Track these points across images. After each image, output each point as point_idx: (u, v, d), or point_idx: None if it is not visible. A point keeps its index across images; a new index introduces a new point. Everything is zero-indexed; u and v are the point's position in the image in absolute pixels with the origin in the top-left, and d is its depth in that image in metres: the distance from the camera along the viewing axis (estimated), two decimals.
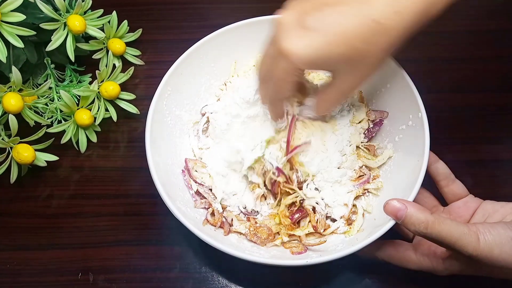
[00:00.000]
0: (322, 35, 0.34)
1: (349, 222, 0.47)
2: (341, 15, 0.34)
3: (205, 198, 0.49)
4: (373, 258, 0.45)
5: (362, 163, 0.49)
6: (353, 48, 0.35)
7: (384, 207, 0.40)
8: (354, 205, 0.48)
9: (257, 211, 0.49)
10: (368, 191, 0.49)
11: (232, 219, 0.48)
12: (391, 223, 0.41)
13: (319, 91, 0.42)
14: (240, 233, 0.47)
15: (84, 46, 0.59)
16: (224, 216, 0.48)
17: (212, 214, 0.48)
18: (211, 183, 0.49)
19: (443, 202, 0.49)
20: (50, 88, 0.57)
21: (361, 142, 0.50)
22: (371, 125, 0.51)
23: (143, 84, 0.63)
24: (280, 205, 0.47)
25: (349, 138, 0.49)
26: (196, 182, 0.49)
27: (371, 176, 0.49)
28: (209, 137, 0.52)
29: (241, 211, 0.49)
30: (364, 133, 0.51)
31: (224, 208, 0.48)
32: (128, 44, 0.64)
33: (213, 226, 0.47)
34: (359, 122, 0.51)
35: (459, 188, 0.47)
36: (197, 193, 0.49)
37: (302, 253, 0.45)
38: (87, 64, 0.62)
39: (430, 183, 0.48)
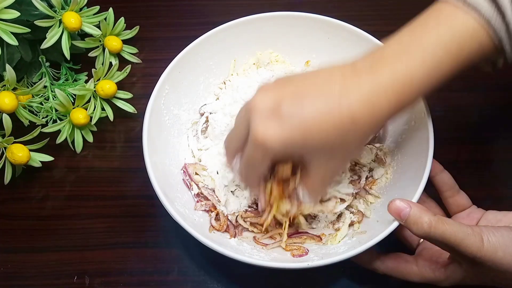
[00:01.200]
0: (299, 125, 0.35)
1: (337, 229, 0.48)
2: (319, 108, 0.35)
3: (207, 200, 0.49)
4: (374, 270, 0.45)
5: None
6: (329, 140, 0.36)
7: (388, 207, 0.40)
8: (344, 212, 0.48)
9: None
10: (368, 193, 0.49)
11: (236, 218, 0.48)
12: (394, 224, 0.41)
13: (303, 178, 0.42)
14: (248, 230, 0.48)
15: (80, 43, 0.59)
16: (229, 219, 0.48)
17: (216, 218, 0.48)
18: (213, 186, 0.49)
19: (447, 213, 0.49)
20: (45, 86, 0.57)
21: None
22: None
23: (140, 82, 0.63)
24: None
25: None
26: (198, 185, 0.49)
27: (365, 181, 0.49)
28: (208, 137, 0.52)
29: (247, 209, 0.49)
30: None
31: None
32: (125, 41, 0.64)
33: (218, 232, 0.47)
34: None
35: (463, 199, 0.48)
36: (198, 195, 0.49)
37: (303, 256, 0.45)
38: (83, 62, 0.62)
39: (432, 194, 0.48)
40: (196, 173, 0.50)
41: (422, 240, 0.47)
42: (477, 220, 0.46)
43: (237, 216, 0.48)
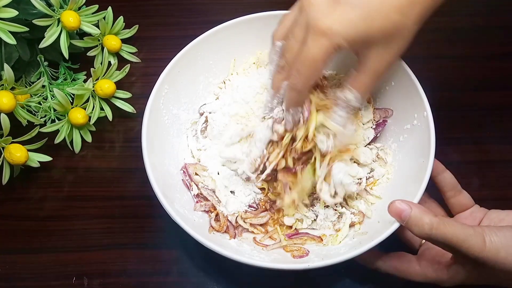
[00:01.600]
0: (359, 9, 0.36)
1: (338, 229, 0.48)
2: None
3: (207, 200, 0.49)
4: (376, 270, 0.45)
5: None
6: (390, 21, 0.36)
7: (388, 208, 0.40)
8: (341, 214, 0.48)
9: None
10: (369, 193, 0.49)
11: (236, 219, 0.48)
12: (395, 225, 0.41)
13: (350, 80, 0.41)
14: (248, 230, 0.48)
15: (78, 43, 0.59)
16: (229, 220, 0.48)
17: (216, 219, 0.48)
18: (214, 186, 0.49)
19: (449, 213, 0.49)
20: (43, 86, 0.57)
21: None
22: (374, 126, 0.51)
23: (140, 82, 0.63)
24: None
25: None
26: (198, 186, 0.49)
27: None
28: (207, 137, 0.52)
29: (247, 209, 0.49)
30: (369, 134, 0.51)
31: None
32: (124, 41, 0.64)
33: (218, 232, 0.47)
34: (367, 123, 0.51)
35: (465, 198, 0.48)
36: (197, 195, 0.49)
37: (304, 257, 0.45)
38: (81, 62, 0.62)
39: (433, 194, 0.48)
40: (196, 174, 0.50)
41: (424, 241, 0.47)
42: (480, 220, 0.46)
43: (237, 217, 0.48)
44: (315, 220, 0.48)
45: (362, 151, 0.49)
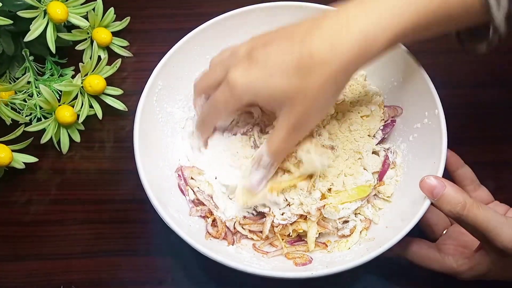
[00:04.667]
0: (263, 68, 0.39)
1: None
2: (282, 50, 0.39)
3: (203, 205, 0.49)
4: (395, 256, 0.46)
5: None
6: (290, 82, 0.38)
7: (420, 184, 0.41)
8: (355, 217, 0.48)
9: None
10: (377, 197, 0.49)
11: (234, 225, 0.48)
12: (405, 231, 0.41)
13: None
14: (247, 237, 0.48)
15: (66, 36, 0.59)
16: (227, 226, 0.48)
17: (213, 224, 0.48)
18: (211, 192, 0.49)
19: None
20: (28, 82, 0.57)
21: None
22: (382, 127, 0.51)
23: (131, 78, 0.63)
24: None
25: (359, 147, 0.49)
26: (193, 191, 0.49)
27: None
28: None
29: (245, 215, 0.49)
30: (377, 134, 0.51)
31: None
32: (115, 34, 0.64)
33: (215, 239, 0.47)
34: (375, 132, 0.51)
35: (484, 194, 0.49)
36: (193, 200, 0.49)
37: (307, 264, 0.45)
38: (69, 56, 0.62)
39: None
40: (192, 178, 0.50)
41: (446, 230, 0.48)
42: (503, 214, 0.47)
43: (235, 223, 0.48)
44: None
45: (369, 159, 0.49)
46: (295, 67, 0.38)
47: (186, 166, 0.51)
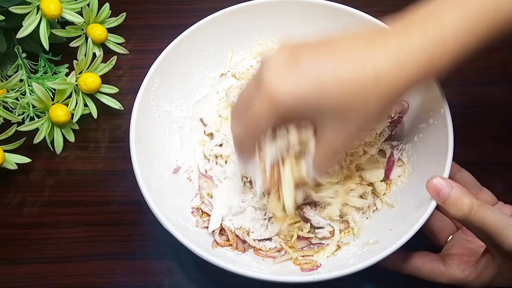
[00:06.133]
0: (315, 83, 0.35)
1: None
2: (338, 64, 0.35)
3: (208, 215, 0.49)
4: (397, 271, 0.46)
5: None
6: (347, 102, 0.35)
7: (427, 185, 0.41)
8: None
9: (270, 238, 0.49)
10: (382, 201, 0.50)
11: (242, 235, 0.48)
12: (409, 234, 0.41)
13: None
14: (255, 248, 0.48)
15: (60, 32, 0.59)
16: (237, 234, 0.48)
17: (221, 233, 0.48)
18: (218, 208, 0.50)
19: None
20: (21, 80, 0.57)
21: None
22: (389, 125, 0.51)
23: (127, 76, 0.63)
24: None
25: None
26: (203, 200, 0.50)
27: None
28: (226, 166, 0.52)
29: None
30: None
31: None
32: (110, 30, 0.64)
33: (226, 247, 0.48)
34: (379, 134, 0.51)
35: (488, 196, 0.49)
36: (198, 209, 0.50)
37: (313, 270, 0.45)
38: (63, 53, 0.62)
39: None
40: (205, 189, 0.50)
41: (451, 237, 0.47)
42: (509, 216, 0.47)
43: (242, 233, 0.48)
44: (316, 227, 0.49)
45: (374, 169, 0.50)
46: (356, 88, 0.35)
47: (203, 174, 0.51)
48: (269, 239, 0.49)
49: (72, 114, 0.56)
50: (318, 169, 0.41)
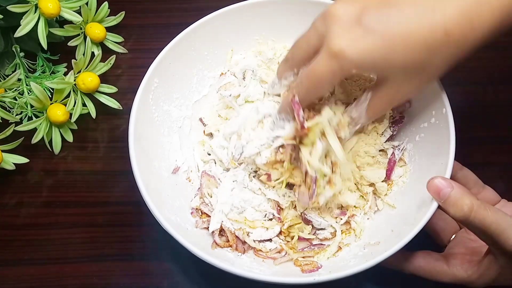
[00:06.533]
0: (382, 37, 0.35)
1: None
2: (407, 18, 0.34)
3: (208, 216, 0.49)
4: (400, 271, 0.46)
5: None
6: (415, 57, 0.35)
7: (427, 185, 0.41)
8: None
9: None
10: (383, 202, 0.50)
11: (242, 236, 0.48)
12: (410, 235, 0.41)
13: (361, 99, 0.42)
14: (255, 249, 0.48)
15: (58, 31, 0.59)
16: (236, 235, 0.48)
17: (220, 234, 0.48)
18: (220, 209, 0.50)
19: None
20: (19, 79, 0.57)
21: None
22: (390, 125, 0.51)
23: (126, 75, 0.63)
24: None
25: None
26: (203, 200, 0.50)
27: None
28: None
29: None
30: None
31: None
32: (109, 29, 0.64)
33: (226, 248, 0.48)
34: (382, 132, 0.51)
35: (490, 194, 0.49)
36: (198, 210, 0.50)
37: (314, 271, 0.45)
38: (61, 53, 0.62)
39: None
40: (208, 187, 0.50)
41: (454, 236, 0.48)
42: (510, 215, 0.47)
43: (242, 234, 0.48)
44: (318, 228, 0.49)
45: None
46: (424, 43, 0.34)
47: (206, 172, 0.51)
48: (269, 240, 0.49)
49: (71, 114, 0.56)
50: (370, 117, 0.42)
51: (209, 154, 0.53)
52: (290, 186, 0.48)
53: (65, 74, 0.58)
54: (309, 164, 0.43)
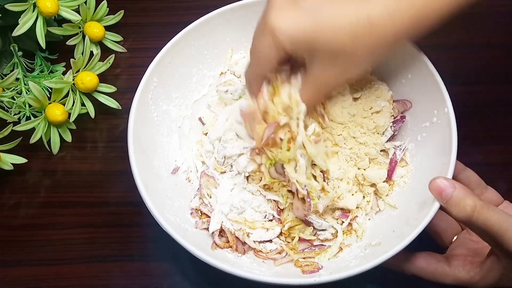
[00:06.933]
0: (312, 18, 0.38)
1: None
2: (337, 6, 0.38)
3: (208, 216, 0.49)
4: (402, 272, 0.46)
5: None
6: (340, 41, 0.38)
7: (429, 185, 0.41)
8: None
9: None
10: (384, 203, 0.50)
11: (242, 237, 0.48)
12: (412, 236, 0.41)
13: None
14: (256, 249, 0.48)
15: (56, 30, 0.59)
16: (236, 236, 0.48)
17: (220, 235, 0.48)
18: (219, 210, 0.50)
19: None
20: (17, 79, 0.57)
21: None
22: (391, 124, 0.51)
23: (125, 74, 0.63)
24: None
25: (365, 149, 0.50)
26: (203, 201, 0.50)
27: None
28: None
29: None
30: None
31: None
32: (108, 28, 0.64)
33: (226, 249, 0.47)
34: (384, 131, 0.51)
35: (493, 195, 0.49)
36: (198, 210, 0.50)
37: (315, 272, 0.45)
38: (60, 52, 0.62)
39: None
40: (208, 188, 0.50)
41: (455, 237, 0.48)
42: None
43: (242, 235, 0.48)
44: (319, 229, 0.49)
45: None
46: (350, 29, 0.38)
47: (205, 172, 0.51)
48: (270, 240, 0.49)
49: (69, 114, 0.56)
50: (303, 100, 0.43)
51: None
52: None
53: (64, 73, 0.59)
54: (298, 182, 0.44)
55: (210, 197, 0.50)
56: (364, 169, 0.50)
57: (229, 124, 0.50)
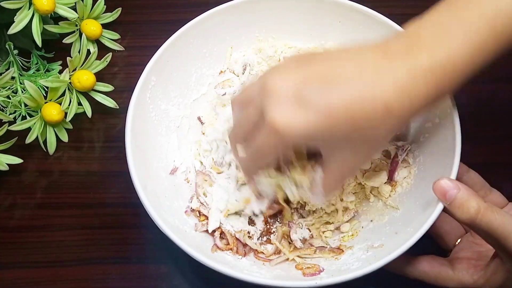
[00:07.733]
0: (324, 112, 0.35)
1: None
2: (348, 93, 0.35)
3: (207, 218, 0.49)
4: (404, 276, 0.46)
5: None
6: (356, 132, 0.36)
7: (433, 186, 0.41)
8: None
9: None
10: (385, 204, 0.50)
11: (243, 238, 0.48)
12: (415, 238, 0.41)
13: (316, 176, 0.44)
14: (257, 251, 0.48)
15: (53, 28, 0.59)
16: (237, 238, 0.48)
17: (221, 237, 0.48)
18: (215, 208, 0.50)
19: None
20: (12, 78, 0.57)
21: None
22: None
23: (123, 73, 0.63)
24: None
25: None
26: (199, 200, 0.50)
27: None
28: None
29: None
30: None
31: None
32: (105, 26, 0.64)
33: (227, 251, 0.47)
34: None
35: (497, 197, 0.49)
36: (195, 211, 0.50)
37: (316, 275, 0.45)
38: (56, 50, 0.62)
39: None
40: (202, 187, 0.50)
41: (459, 240, 0.48)
42: None
43: (243, 236, 0.48)
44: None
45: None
46: (367, 118, 0.35)
47: (201, 171, 0.51)
48: (269, 240, 0.49)
49: (66, 113, 0.56)
50: (325, 191, 0.43)
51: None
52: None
53: (60, 72, 0.59)
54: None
55: (206, 196, 0.50)
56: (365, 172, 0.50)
57: (229, 124, 0.50)
